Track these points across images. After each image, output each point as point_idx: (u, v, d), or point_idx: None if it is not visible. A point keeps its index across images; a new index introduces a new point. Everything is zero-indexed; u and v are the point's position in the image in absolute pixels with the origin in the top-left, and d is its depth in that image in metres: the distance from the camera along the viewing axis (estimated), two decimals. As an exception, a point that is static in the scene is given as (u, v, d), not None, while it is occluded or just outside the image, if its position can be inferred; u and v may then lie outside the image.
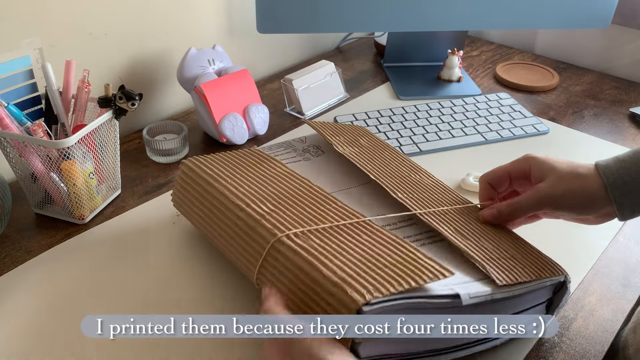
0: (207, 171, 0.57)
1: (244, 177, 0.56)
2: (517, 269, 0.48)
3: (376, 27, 0.93)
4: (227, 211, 0.53)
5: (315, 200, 0.52)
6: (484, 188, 0.57)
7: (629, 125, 0.91)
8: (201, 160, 0.60)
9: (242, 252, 0.51)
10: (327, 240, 0.46)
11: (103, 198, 0.70)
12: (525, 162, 0.54)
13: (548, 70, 1.08)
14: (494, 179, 0.56)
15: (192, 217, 0.59)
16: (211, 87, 0.80)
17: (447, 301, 0.42)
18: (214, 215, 0.55)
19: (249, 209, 0.51)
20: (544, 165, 0.52)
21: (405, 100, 0.97)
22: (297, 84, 0.90)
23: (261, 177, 0.56)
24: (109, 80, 0.82)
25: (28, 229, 0.66)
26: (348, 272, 0.42)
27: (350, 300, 0.39)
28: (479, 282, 0.45)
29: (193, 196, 0.58)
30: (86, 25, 0.77)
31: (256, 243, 0.49)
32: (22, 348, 0.51)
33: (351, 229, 0.48)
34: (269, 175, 0.57)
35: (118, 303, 0.56)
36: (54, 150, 0.61)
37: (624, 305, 0.57)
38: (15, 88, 0.64)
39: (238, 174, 0.57)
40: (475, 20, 0.92)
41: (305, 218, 0.49)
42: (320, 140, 0.68)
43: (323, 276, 0.42)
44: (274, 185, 0.55)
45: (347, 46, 1.21)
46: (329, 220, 0.49)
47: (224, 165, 0.58)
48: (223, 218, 0.53)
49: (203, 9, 0.92)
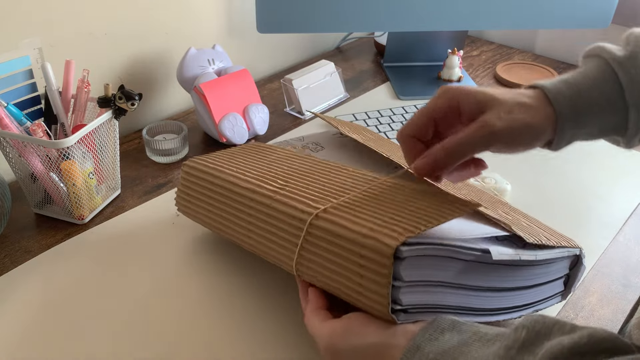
0: (211, 166, 0.57)
1: (251, 164, 0.56)
2: (539, 235, 0.49)
3: (376, 27, 0.93)
4: (245, 200, 0.51)
5: (330, 172, 0.53)
6: (409, 144, 0.47)
7: (629, 125, 0.91)
8: (203, 158, 0.60)
9: (271, 238, 0.49)
10: (354, 205, 0.46)
11: (103, 198, 0.69)
12: (450, 96, 0.45)
13: (548, 70, 1.08)
14: (416, 129, 0.46)
15: (203, 216, 0.58)
16: (211, 87, 0.79)
17: (477, 254, 0.43)
18: (230, 208, 0.53)
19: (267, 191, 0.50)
20: (480, 96, 0.44)
21: (405, 100, 0.97)
22: (297, 83, 0.90)
23: (267, 161, 0.56)
24: (108, 80, 0.82)
25: (28, 229, 0.66)
26: (379, 223, 0.42)
27: (384, 246, 0.40)
28: (502, 246, 0.46)
29: (201, 194, 0.57)
30: (86, 25, 0.77)
31: (288, 225, 0.47)
32: (22, 348, 0.51)
33: (372, 191, 0.48)
34: (275, 158, 0.57)
35: (118, 303, 0.56)
36: (53, 150, 0.61)
37: (624, 306, 0.57)
38: (15, 88, 0.64)
39: (243, 163, 0.57)
40: (475, 20, 0.92)
41: (326, 189, 0.49)
42: (319, 137, 0.68)
43: (359, 234, 0.41)
44: (282, 166, 0.55)
45: (347, 46, 1.21)
46: (347, 187, 0.49)
47: (227, 159, 0.58)
48: (242, 209, 0.52)
49: (203, 9, 0.92)
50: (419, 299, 0.42)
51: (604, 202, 0.72)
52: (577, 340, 0.32)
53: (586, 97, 0.43)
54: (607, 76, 0.44)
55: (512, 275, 0.46)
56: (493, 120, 0.42)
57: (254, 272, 0.59)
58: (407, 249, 0.39)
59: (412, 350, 0.38)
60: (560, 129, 0.43)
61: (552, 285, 0.51)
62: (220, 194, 0.55)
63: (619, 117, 0.44)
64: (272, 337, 0.52)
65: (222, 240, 0.64)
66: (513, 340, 0.34)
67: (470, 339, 0.38)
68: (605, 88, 0.43)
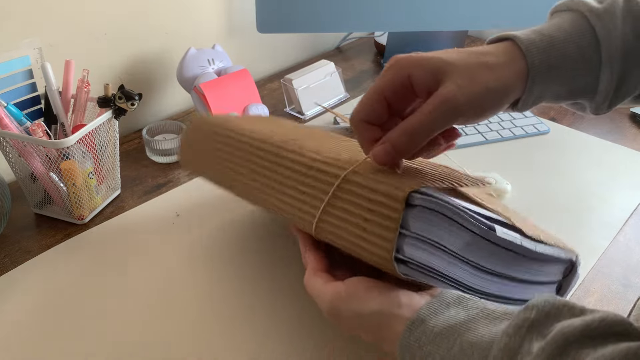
0: (222, 120, 0.57)
1: (261, 125, 0.56)
2: (537, 231, 0.49)
3: (376, 27, 0.93)
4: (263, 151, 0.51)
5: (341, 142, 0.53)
6: (362, 130, 0.42)
7: (630, 125, 0.91)
8: (213, 117, 0.60)
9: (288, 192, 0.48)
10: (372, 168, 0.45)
11: (102, 198, 0.69)
12: (398, 68, 0.40)
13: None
14: (368, 112, 0.41)
15: (213, 169, 0.56)
16: (211, 87, 0.79)
17: (483, 227, 0.42)
18: (241, 159, 0.52)
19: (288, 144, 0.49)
20: (433, 63, 0.39)
21: (405, 100, 0.97)
22: (297, 83, 0.90)
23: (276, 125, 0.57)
24: (108, 80, 0.82)
25: (27, 229, 0.66)
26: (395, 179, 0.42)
27: (398, 190, 0.39)
28: None
29: (211, 146, 0.56)
30: (86, 25, 0.77)
31: (317, 180, 0.46)
32: (22, 348, 0.51)
33: None
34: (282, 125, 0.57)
35: (118, 303, 0.56)
36: (53, 150, 0.61)
37: (624, 306, 0.57)
38: (15, 88, 0.64)
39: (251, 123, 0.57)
40: (476, 20, 0.92)
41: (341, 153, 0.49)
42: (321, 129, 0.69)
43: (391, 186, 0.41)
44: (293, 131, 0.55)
45: (347, 46, 1.21)
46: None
47: (237, 120, 0.59)
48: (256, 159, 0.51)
49: (203, 8, 0.92)
50: (421, 258, 0.41)
51: (604, 202, 0.72)
52: (589, 322, 0.31)
53: (560, 49, 0.40)
54: (584, 30, 0.40)
55: (511, 262, 0.46)
56: (453, 92, 0.37)
57: (254, 272, 0.59)
58: (419, 197, 0.39)
59: (416, 323, 0.38)
60: (530, 83, 0.39)
61: (544, 288, 0.51)
62: (232, 145, 0.54)
63: (590, 77, 0.41)
64: (272, 337, 0.52)
65: (222, 240, 0.64)
66: (522, 319, 0.33)
67: (477, 315, 0.37)
68: (582, 42, 0.40)
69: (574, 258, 0.51)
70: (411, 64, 0.39)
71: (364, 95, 0.41)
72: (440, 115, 0.38)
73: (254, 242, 0.63)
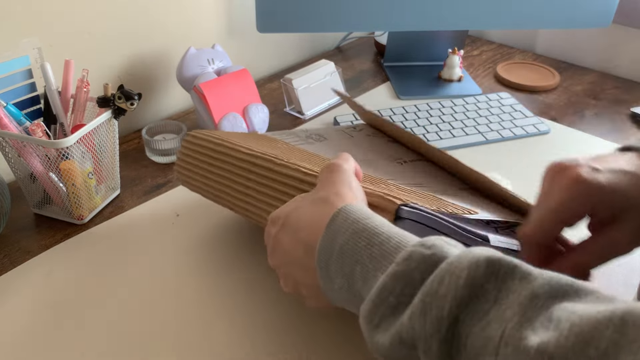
0: (216, 136, 0.58)
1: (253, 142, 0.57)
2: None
3: (376, 27, 0.92)
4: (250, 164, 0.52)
5: None
6: (536, 251, 0.42)
7: (630, 125, 0.91)
8: (206, 132, 0.60)
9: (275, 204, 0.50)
10: None
11: (102, 198, 0.69)
12: (585, 199, 0.40)
13: (549, 70, 1.08)
14: (546, 236, 0.42)
15: (207, 186, 0.58)
16: (211, 86, 0.79)
17: (477, 239, 0.43)
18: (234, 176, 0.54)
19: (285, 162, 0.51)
20: (619, 201, 0.40)
21: (405, 100, 0.97)
22: (297, 83, 0.90)
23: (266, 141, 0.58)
24: (108, 80, 0.82)
25: (27, 229, 0.66)
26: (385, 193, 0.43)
27: (389, 202, 0.41)
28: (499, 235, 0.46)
29: (204, 162, 0.58)
30: (85, 25, 0.77)
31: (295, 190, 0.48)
32: (22, 348, 0.51)
33: None
34: (274, 145, 0.58)
35: (117, 303, 0.55)
36: (52, 150, 0.61)
37: (625, 306, 0.57)
38: (14, 88, 0.64)
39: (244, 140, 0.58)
40: (476, 20, 0.92)
41: None
42: (322, 129, 0.69)
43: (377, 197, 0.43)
44: (282, 148, 0.56)
45: (347, 46, 1.21)
46: None
47: (229, 135, 0.59)
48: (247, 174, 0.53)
49: (203, 8, 0.92)
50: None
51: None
52: None
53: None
54: None
55: None
56: (627, 239, 0.39)
57: (254, 272, 0.59)
58: (407, 209, 0.40)
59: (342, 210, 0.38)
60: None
61: None
62: (225, 161, 0.55)
63: None
64: (272, 336, 0.52)
65: (222, 240, 0.64)
66: None
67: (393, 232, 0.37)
68: None
69: None
70: (595, 198, 0.39)
71: (542, 216, 0.42)
72: (605, 255, 0.41)
73: (254, 243, 0.63)
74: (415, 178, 0.55)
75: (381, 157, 0.61)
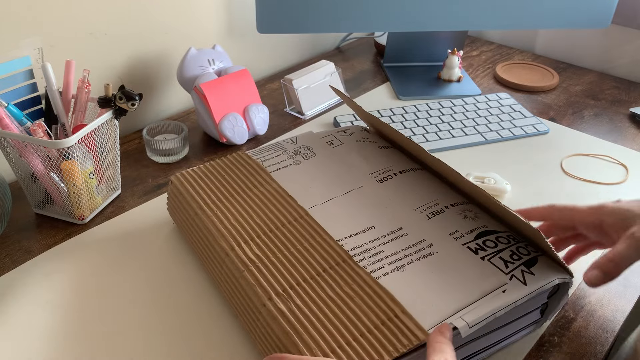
0: (193, 194, 0.59)
1: (231, 204, 0.57)
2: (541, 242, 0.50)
3: (376, 27, 0.93)
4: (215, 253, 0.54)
5: (302, 233, 0.53)
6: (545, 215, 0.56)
7: (629, 126, 0.91)
8: (188, 179, 0.61)
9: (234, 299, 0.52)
10: (309, 299, 0.46)
11: (103, 198, 0.70)
12: (595, 215, 0.53)
13: (548, 70, 1.08)
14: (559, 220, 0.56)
15: (185, 235, 0.62)
16: (211, 87, 0.80)
17: None
18: (203, 248, 0.57)
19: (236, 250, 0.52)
20: (623, 213, 0.51)
21: (405, 100, 0.97)
22: (297, 83, 0.90)
23: (247, 203, 0.57)
24: (109, 80, 0.82)
25: (28, 229, 0.66)
26: (331, 344, 0.42)
27: None
28: (480, 300, 0.45)
29: (183, 218, 0.61)
30: (86, 25, 0.77)
31: (244, 298, 0.50)
32: (22, 348, 0.51)
33: (332, 278, 0.48)
34: (256, 199, 0.58)
35: (118, 303, 0.56)
36: (54, 150, 0.61)
37: (624, 306, 0.57)
38: (15, 88, 0.64)
39: (226, 197, 0.58)
40: (475, 21, 0.92)
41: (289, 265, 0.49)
42: (311, 140, 0.67)
43: (308, 348, 0.43)
44: (259, 214, 0.56)
45: (347, 46, 1.21)
46: (313, 263, 0.49)
47: (211, 185, 0.60)
48: (212, 258, 0.55)
49: (203, 9, 0.92)
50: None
51: (604, 201, 0.72)
52: None
53: None
54: None
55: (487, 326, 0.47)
56: None
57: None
58: None
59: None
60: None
61: (529, 316, 0.51)
62: (198, 234, 0.57)
63: None
64: (272, 337, 0.52)
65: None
66: None
67: None
68: None
69: (567, 280, 0.49)
70: (606, 213, 0.52)
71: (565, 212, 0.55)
72: (633, 249, 0.49)
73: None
74: (394, 219, 0.54)
75: (365, 173, 0.61)
